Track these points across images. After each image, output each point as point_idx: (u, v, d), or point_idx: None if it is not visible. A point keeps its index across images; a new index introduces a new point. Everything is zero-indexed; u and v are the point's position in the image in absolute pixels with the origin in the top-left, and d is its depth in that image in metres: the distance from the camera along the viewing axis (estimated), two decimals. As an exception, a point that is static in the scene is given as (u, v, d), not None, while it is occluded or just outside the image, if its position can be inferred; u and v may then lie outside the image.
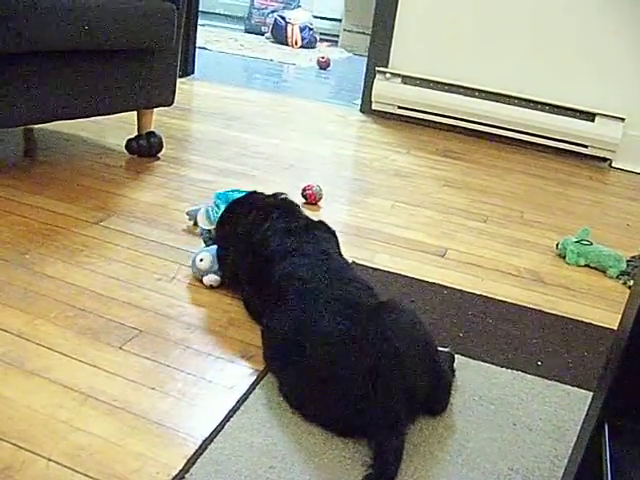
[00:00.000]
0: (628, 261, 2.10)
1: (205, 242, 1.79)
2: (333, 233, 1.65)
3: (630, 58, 3.42)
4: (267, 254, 1.49)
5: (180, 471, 1.07)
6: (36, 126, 2.67)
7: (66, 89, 2.15)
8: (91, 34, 2.09)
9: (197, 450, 1.11)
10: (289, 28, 6.39)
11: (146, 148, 2.55)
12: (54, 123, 2.39)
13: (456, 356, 1.47)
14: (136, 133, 2.58)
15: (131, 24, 2.21)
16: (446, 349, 1.45)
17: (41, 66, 2.06)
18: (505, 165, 3.25)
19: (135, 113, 2.55)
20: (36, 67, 2.05)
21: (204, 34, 6.04)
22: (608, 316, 1.81)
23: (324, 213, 2.26)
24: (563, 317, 1.76)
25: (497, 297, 1.82)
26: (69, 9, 2.00)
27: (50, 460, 1.06)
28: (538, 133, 3.58)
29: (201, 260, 1.65)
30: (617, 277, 2.07)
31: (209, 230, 1.77)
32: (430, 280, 1.86)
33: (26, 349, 1.32)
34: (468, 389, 1.38)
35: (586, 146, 3.52)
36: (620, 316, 0.88)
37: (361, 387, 1.15)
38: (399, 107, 3.78)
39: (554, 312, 1.79)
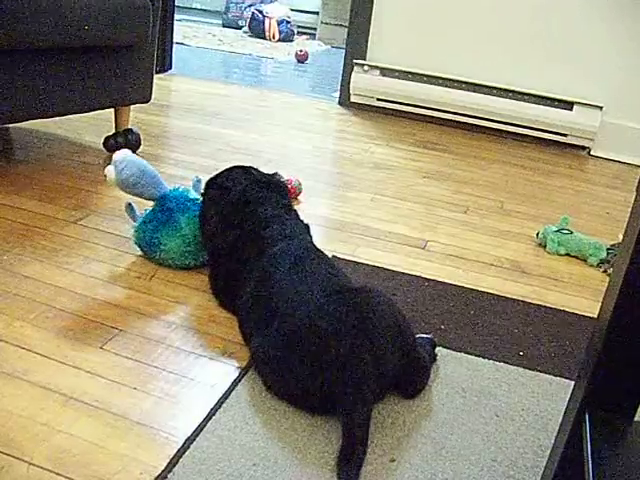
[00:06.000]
0: (608, 249, 2.11)
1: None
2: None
3: (607, 46, 3.44)
4: (264, 235, 1.50)
5: (163, 471, 1.06)
6: (12, 125, 2.65)
7: (42, 87, 2.13)
8: (66, 31, 2.07)
9: (179, 449, 1.11)
10: (267, 22, 6.38)
11: (124, 145, 2.52)
12: (30, 122, 2.36)
13: (438, 348, 1.47)
14: (114, 130, 2.55)
15: (106, 20, 2.19)
16: (428, 335, 1.47)
17: (15, 64, 2.04)
18: (484, 155, 3.26)
19: (112, 110, 2.53)
20: (10, 65, 2.03)
21: (181, 29, 6.02)
22: (589, 304, 1.82)
23: (304, 207, 2.25)
24: (545, 307, 1.77)
25: (479, 288, 1.82)
26: (43, 5, 1.98)
27: (31, 464, 1.04)
28: (517, 123, 3.59)
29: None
30: (597, 265, 2.08)
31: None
32: (412, 272, 1.86)
33: (5, 351, 1.31)
34: (450, 381, 1.38)
35: (565, 135, 3.54)
36: (600, 305, 0.89)
37: (334, 358, 1.16)
38: (378, 99, 3.79)
39: (536, 302, 1.79)
